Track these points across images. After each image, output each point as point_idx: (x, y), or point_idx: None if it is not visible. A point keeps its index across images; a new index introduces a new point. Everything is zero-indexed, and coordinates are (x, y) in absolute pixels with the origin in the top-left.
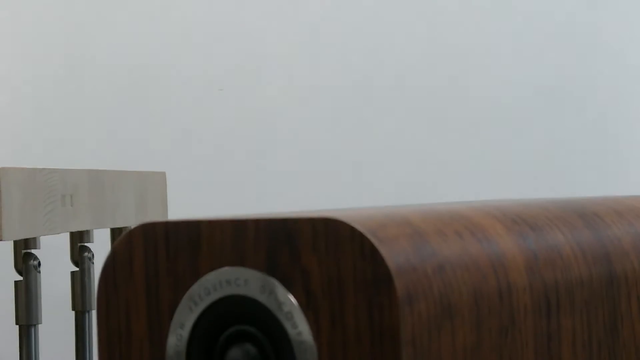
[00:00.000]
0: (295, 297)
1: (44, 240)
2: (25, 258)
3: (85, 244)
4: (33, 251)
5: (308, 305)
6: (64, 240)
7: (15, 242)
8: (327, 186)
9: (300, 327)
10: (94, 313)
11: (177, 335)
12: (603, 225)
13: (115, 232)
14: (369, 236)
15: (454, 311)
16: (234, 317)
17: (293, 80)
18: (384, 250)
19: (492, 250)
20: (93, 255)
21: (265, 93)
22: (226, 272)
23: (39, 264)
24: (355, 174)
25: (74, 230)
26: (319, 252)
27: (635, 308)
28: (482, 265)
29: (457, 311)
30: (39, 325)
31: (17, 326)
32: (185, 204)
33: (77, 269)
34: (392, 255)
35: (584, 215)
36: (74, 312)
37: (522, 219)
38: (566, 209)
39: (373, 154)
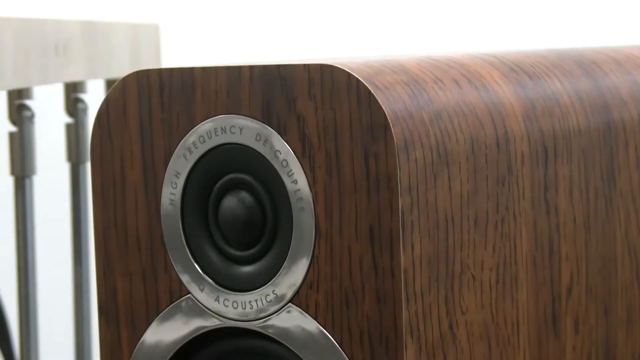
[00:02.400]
0: (290, 145)
1: (37, 94)
2: (19, 109)
3: (79, 96)
4: (27, 102)
5: (304, 154)
6: (58, 91)
7: (9, 93)
8: (325, 37)
9: (295, 176)
10: (88, 165)
11: (172, 184)
12: (601, 74)
13: (109, 84)
14: (366, 82)
15: (450, 159)
16: (230, 166)
17: None
18: (380, 97)
19: (490, 99)
20: (87, 106)
21: None
22: (221, 120)
23: (33, 115)
24: (353, 25)
25: (67, 80)
26: (314, 99)
27: (633, 156)
28: (479, 113)
29: (454, 159)
30: (34, 177)
31: (12, 177)
32: (179, 58)
33: (71, 120)
34: (389, 102)
35: (582, 64)
36: (69, 163)
37: (520, 68)
38: (564, 57)
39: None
